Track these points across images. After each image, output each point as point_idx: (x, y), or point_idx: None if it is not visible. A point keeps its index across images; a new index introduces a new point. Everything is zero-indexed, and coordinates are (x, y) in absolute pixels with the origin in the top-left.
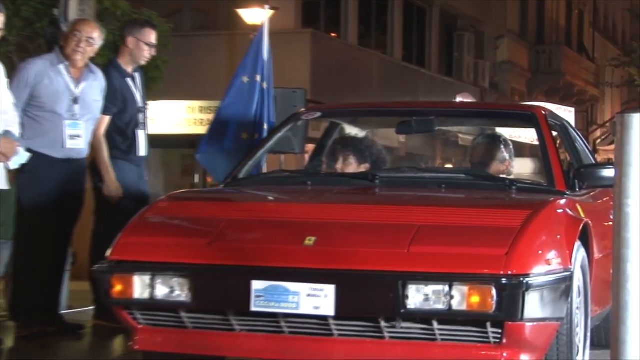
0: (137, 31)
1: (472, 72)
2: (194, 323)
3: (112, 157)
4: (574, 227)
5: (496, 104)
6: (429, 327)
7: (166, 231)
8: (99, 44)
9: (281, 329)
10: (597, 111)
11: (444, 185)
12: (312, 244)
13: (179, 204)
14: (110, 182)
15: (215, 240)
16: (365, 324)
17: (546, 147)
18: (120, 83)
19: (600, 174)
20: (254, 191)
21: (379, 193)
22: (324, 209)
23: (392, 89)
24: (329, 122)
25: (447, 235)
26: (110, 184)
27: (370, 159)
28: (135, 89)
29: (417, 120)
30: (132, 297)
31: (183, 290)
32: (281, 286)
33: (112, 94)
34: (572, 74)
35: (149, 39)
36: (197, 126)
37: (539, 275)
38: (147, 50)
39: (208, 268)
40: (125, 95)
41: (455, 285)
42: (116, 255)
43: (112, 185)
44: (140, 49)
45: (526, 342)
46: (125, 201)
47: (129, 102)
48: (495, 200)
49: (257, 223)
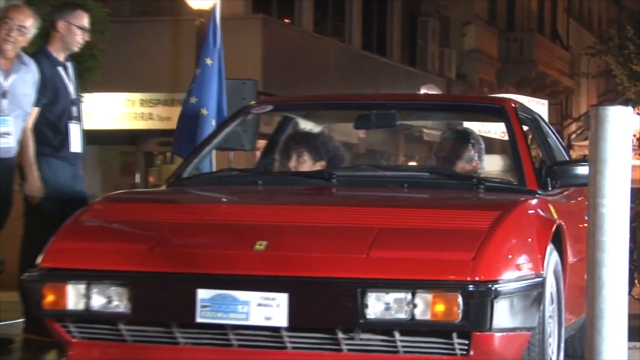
0: (68, 14)
1: (437, 61)
2: (134, 336)
3: (42, 155)
4: (546, 229)
5: (463, 96)
6: (390, 338)
7: (103, 236)
8: (32, 33)
9: (230, 341)
10: (572, 103)
11: (406, 184)
12: (263, 249)
13: (118, 205)
14: (33, 180)
15: (157, 245)
16: (321, 336)
17: (516, 143)
18: (51, 72)
19: (574, 171)
20: (200, 192)
21: (336, 193)
22: (276, 210)
23: (351, 80)
24: (282, 116)
25: (410, 238)
26: (32, 182)
27: (326, 156)
28: (68, 79)
29: (378, 114)
30: (66, 308)
31: (122, 301)
32: (229, 295)
33: (42, 83)
34: (545, 63)
35: (81, 22)
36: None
37: (508, 281)
38: (80, 34)
39: (149, 276)
40: (57, 86)
41: (418, 292)
42: (48, 263)
43: (34, 185)
44: (72, 33)
45: (495, 354)
46: (49, 204)
47: (60, 92)
48: (462, 201)
49: (202, 226)
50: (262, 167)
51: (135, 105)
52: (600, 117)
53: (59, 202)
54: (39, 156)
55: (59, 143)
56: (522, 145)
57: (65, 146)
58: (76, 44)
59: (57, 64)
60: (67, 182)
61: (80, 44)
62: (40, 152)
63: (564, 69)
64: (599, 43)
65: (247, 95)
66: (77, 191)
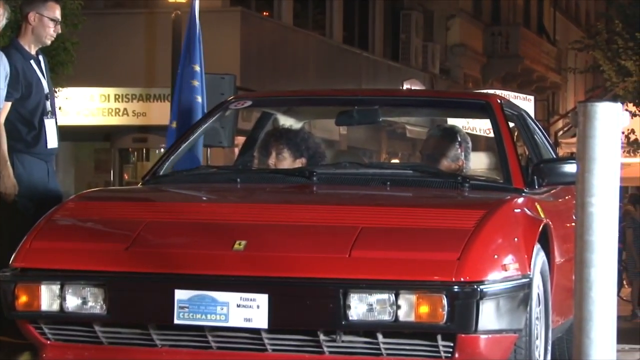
0: (39, 6)
1: (421, 56)
2: (110, 338)
3: (15, 151)
4: (532, 228)
5: (447, 91)
6: (373, 340)
7: (77, 235)
8: (2, 24)
9: (208, 343)
10: (559, 100)
11: (389, 182)
12: (242, 249)
13: (92, 204)
14: (7, 177)
15: (133, 244)
16: (302, 338)
17: (502, 140)
18: (23, 65)
19: (562, 169)
20: (177, 190)
21: (317, 191)
22: (255, 209)
23: (332, 75)
24: (261, 112)
25: (393, 238)
26: (6, 179)
27: (306, 153)
28: (41, 72)
29: (360, 110)
30: (39, 310)
31: (97, 302)
32: (208, 296)
33: (14, 77)
34: (531, 58)
35: (53, 14)
36: (112, 116)
37: (494, 282)
38: (52, 26)
39: (125, 276)
40: (29, 80)
41: (401, 293)
42: (20, 262)
43: (8, 182)
44: (43, 25)
45: (480, 357)
46: (24, 201)
47: (33, 87)
48: (446, 199)
49: (180, 225)
50: (241, 164)
51: (110, 100)
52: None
53: (34, 200)
54: (12, 152)
55: (33, 139)
56: (508, 142)
57: (39, 142)
58: (48, 36)
59: (29, 57)
60: (41, 180)
61: (52, 36)
62: (14, 149)
63: (550, 64)
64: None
65: (225, 91)
66: (51, 189)
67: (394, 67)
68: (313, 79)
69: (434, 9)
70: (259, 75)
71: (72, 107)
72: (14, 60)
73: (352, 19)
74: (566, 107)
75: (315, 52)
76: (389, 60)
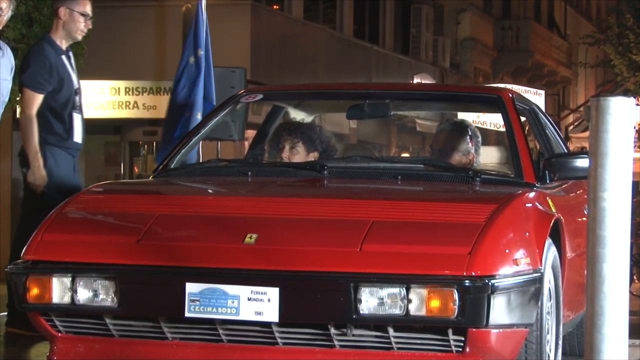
0: (69, 1)
1: (431, 50)
2: (121, 331)
3: (46, 143)
4: (544, 223)
5: (458, 85)
6: (383, 334)
7: (89, 228)
8: (8, 16)
9: (219, 337)
10: (570, 94)
11: (400, 176)
12: (253, 242)
13: (103, 197)
14: (38, 168)
15: (144, 237)
16: (313, 332)
17: (513, 134)
18: (55, 60)
19: (573, 164)
20: (188, 183)
21: (328, 185)
22: (266, 203)
23: (342, 69)
24: (272, 105)
25: (404, 232)
26: (37, 170)
27: (320, 146)
28: (71, 67)
29: (370, 104)
30: (51, 302)
31: (108, 294)
32: (219, 289)
33: (47, 70)
34: (541, 52)
35: (83, 8)
36: (122, 109)
37: (505, 276)
38: (83, 21)
39: (136, 269)
40: (61, 74)
41: (412, 287)
42: (32, 255)
43: (38, 173)
44: (74, 20)
45: (491, 351)
46: (52, 194)
47: (65, 81)
48: (457, 194)
49: (191, 219)
50: (251, 158)
51: (120, 93)
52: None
53: (62, 193)
54: (43, 145)
55: (63, 132)
56: (520, 136)
57: (68, 136)
58: (79, 31)
59: (61, 52)
60: (68, 174)
61: (83, 31)
62: (44, 141)
63: (561, 58)
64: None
65: (235, 84)
66: (75, 184)
67: (404, 61)
68: (323, 73)
69: (444, 3)
70: (269, 68)
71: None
72: (47, 54)
73: (363, 13)
74: (577, 101)
75: (325, 46)
76: (399, 54)
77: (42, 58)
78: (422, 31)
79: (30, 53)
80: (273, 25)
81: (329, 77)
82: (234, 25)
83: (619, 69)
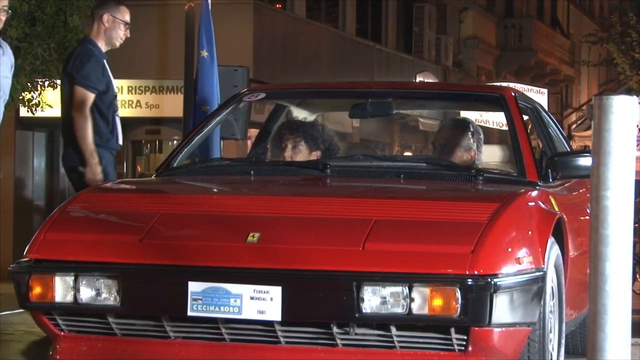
0: (112, 9)
1: (434, 48)
2: (124, 330)
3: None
4: (546, 221)
5: (461, 84)
6: (386, 333)
7: (91, 226)
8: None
9: (221, 335)
10: (572, 93)
11: (402, 175)
12: (255, 241)
13: (106, 195)
14: (96, 165)
15: (147, 236)
16: (316, 330)
17: (516, 133)
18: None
19: (576, 163)
20: (190, 182)
21: (331, 184)
22: (269, 201)
23: (344, 68)
24: (274, 104)
25: (407, 231)
26: (94, 167)
27: (322, 145)
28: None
29: (373, 102)
30: (53, 301)
31: (111, 293)
32: (221, 288)
33: (100, 71)
34: (544, 51)
35: (124, 17)
36: (125, 108)
37: (508, 275)
38: (123, 29)
39: (139, 268)
40: (108, 76)
41: (415, 286)
42: (34, 254)
43: (96, 169)
44: (116, 28)
45: (494, 350)
46: None
47: (110, 84)
48: (460, 192)
49: (193, 218)
50: (254, 156)
51: (123, 92)
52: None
53: None
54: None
55: (108, 133)
56: (523, 135)
57: (112, 137)
58: (119, 38)
59: (103, 56)
60: (113, 174)
61: (122, 39)
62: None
63: (564, 57)
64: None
65: (238, 83)
66: None
67: (406, 59)
68: (326, 72)
69: (447, 2)
70: (271, 67)
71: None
72: (98, 56)
73: (365, 12)
74: (579, 100)
75: (328, 45)
76: (402, 53)
77: (95, 59)
78: (424, 30)
79: (80, 54)
80: (275, 24)
81: (332, 75)
82: (236, 24)
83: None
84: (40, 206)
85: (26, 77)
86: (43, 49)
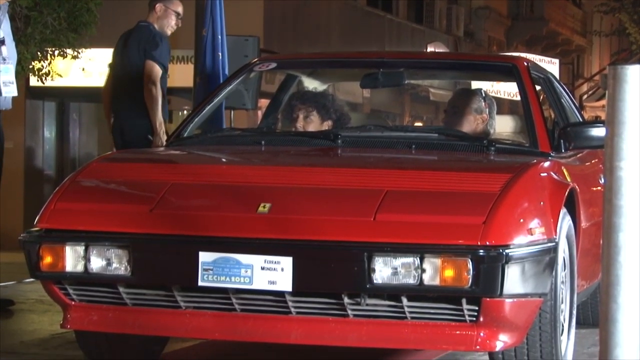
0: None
1: (445, 18)
2: (134, 299)
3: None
4: (559, 192)
5: (472, 54)
6: (397, 304)
7: (102, 196)
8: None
9: (232, 306)
10: (584, 63)
11: (414, 145)
12: (266, 211)
13: (116, 165)
14: (164, 134)
15: (157, 206)
16: (327, 301)
17: (529, 103)
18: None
19: (589, 133)
20: (201, 152)
21: (342, 154)
22: (280, 172)
23: (355, 38)
24: (285, 74)
25: (418, 201)
26: (163, 136)
27: (334, 115)
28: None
29: (384, 72)
30: (64, 271)
31: (121, 263)
32: (232, 258)
33: (165, 49)
34: (556, 21)
35: (176, 7)
36: None
37: (520, 246)
38: (175, 19)
39: (149, 238)
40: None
41: (426, 257)
42: (44, 223)
43: (164, 139)
44: (168, 17)
45: (505, 321)
46: None
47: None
48: (472, 163)
49: (204, 188)
50: (265, 126)
51: None
52: (619, 76)
53: None
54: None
55: (165, 110)
56: (535, 105)
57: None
58: (170, 27)
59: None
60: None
61: (173, 28)
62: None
63: (575, 27)
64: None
65: (248, 53)
66: None
67: (417, 29)
68: (336, 42)
69: None
70: (282, 37)
71: (95, 68)
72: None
73: None
74: (591, 70)
75: (338, 15)
76: (413, 23)
77: (167, 40)
78: (435, 0)
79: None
80: None
81: (343, 45)
82: None
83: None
84: (50, 176)
85: (36, 46)
86: (53, 17)
